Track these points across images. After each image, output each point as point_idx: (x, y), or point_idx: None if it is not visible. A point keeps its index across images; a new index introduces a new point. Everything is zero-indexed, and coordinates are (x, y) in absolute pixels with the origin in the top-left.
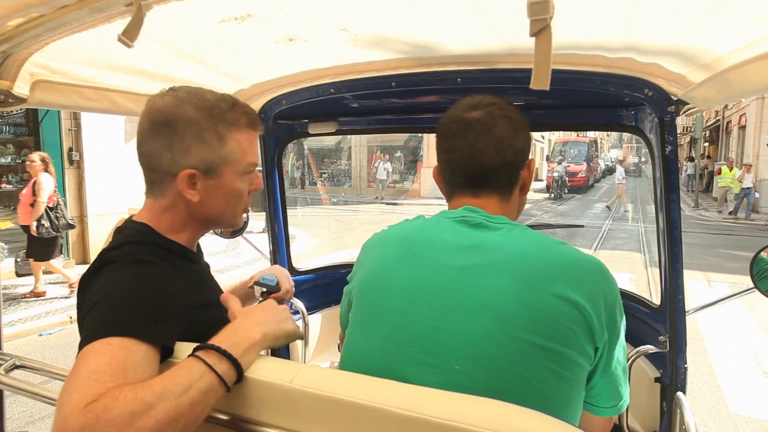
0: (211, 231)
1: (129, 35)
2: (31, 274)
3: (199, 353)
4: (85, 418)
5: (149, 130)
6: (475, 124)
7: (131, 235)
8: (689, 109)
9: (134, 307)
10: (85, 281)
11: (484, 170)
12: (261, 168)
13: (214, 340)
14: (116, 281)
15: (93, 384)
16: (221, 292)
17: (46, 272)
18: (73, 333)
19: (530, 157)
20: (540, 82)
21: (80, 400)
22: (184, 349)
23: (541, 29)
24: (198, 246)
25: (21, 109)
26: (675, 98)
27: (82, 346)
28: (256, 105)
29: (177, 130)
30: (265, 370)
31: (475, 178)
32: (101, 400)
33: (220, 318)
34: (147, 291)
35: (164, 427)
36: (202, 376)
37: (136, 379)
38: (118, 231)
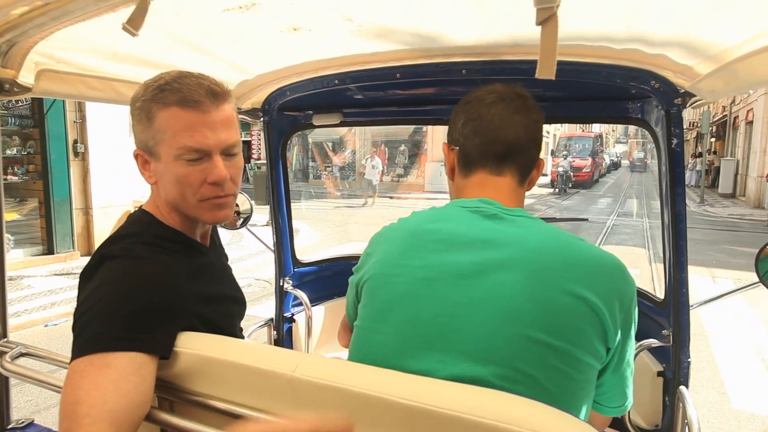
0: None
1: (133, 24)
2: None
3: None
4: None
5: None
6: (515, 101)
7: (133, 224)
8: (696, 101)
9: (119, 318)
10: (85, 276)
11: (517, 143)
12: (265, 160)
13: None
14: (107, 287)
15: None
16: (237, 289)
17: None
18: None
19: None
20: (546, 72)
21: None
22: (190, 339)
23: (547, 18)
24: (213, 240)
25: (26, 101)
26: (682, 90)
27: (72, 357)
28: (261, 96)
29: (131, 113)
30: (267, 359)
31: (507, 148)
32: None
33: (227, 312)
34: (137, 297)
35: None
36: None
37: (119, 400)
38: (127, 218)
